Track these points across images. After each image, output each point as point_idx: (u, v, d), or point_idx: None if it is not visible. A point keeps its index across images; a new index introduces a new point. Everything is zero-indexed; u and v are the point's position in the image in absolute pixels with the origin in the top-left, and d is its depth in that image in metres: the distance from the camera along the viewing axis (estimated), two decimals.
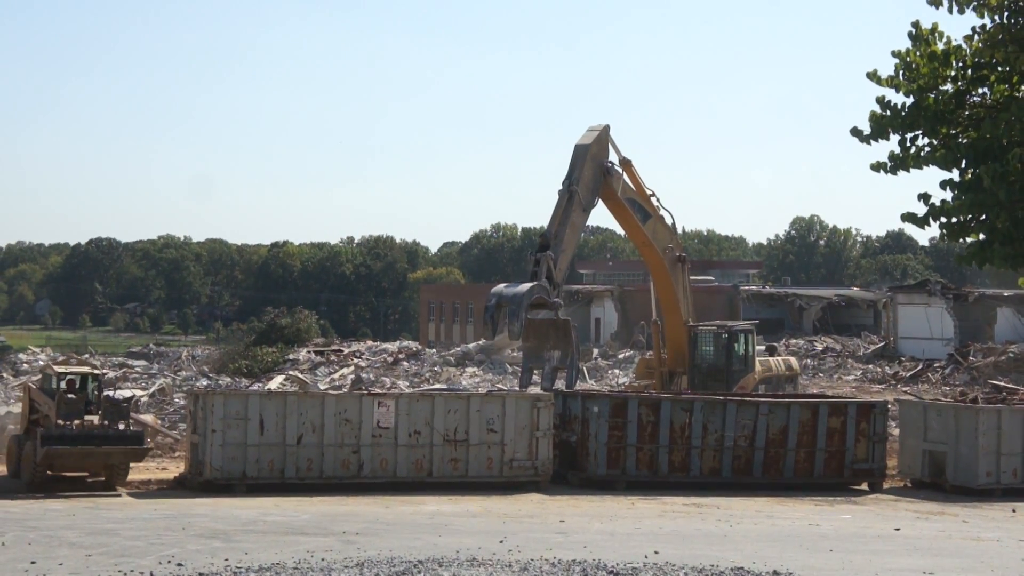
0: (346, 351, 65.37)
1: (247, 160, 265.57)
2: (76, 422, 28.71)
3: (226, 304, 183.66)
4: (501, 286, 35.18)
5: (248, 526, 24.09)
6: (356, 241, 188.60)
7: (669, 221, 38.82)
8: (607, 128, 37.19)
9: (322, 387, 47.76)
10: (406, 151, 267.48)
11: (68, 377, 29.85)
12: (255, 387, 46.89)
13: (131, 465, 29.59)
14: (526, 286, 33.90)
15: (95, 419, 28.92)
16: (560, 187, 35.87)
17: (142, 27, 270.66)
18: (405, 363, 61.42)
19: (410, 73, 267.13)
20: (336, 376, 54.99)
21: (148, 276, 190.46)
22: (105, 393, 30.75)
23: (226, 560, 20.01)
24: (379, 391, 39.06)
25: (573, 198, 35.46)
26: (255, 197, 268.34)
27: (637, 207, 37.77)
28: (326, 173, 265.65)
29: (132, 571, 19.08)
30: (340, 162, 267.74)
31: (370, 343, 74.69)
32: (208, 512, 25.93)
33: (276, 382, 49.00)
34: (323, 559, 20.19)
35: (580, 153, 36.18)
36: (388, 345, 71.15)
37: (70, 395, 29.08)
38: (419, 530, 24.04)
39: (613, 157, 37.22)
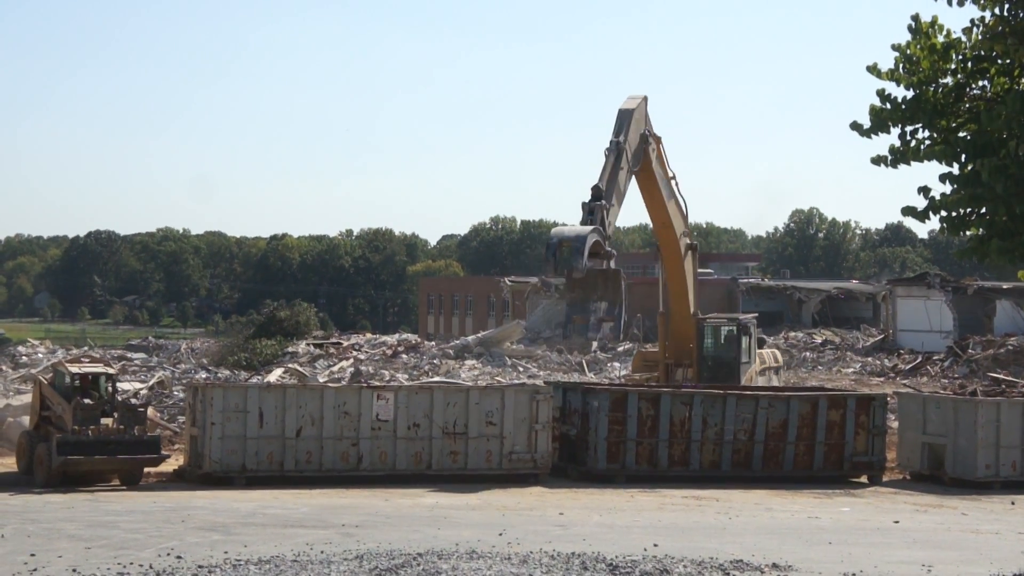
0: (345, 344, 65.32)
1: (246, 153, 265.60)
2: (92, 427, 28.17)
3: (225, 297, 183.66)
4: (562, 227, 34.54)
5: (247, 519, 24.11)
6: (355, 234, 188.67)
7: (684, 209, 38.59)
8: (645, 99, 36.75)
9: (321, 380, 47.73)
10: (405, 144, 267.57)
11: (80, 376, 29.19)
12: (254, 380, 46.86)
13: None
14: (588, 228, 33.10)
15: (110, 422, 28.41)
16: (607, 146, 34.97)
17: (142, 21, 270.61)
18: (404, 356, 61.38)
19: (409, 67, 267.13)
20: (335, 369, 54.93)
21: (147, 269, 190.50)
22: (122, 397, 30.23)
23: (225, 552, 20.03)
24: (378, 384, 39.02)
25: (621, 156, 34.73)
26: (254, 190, 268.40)
27: (665, 184, 37.47)
28: (325, 166, 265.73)
29: (131, 563, 19.10)
30: (339, 155, 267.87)
31: (369, 336, 74.65)
32: (207, 505, 25.95)
33: (275, 375, 48.97)
34: (322, 551, 20.21)
35: (626, 116, 35.49)
36: (387, 338, 71.11)
37: (86, 400, 28.56)
38: (418, 523, 24.06)
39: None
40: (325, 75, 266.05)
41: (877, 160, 15.55)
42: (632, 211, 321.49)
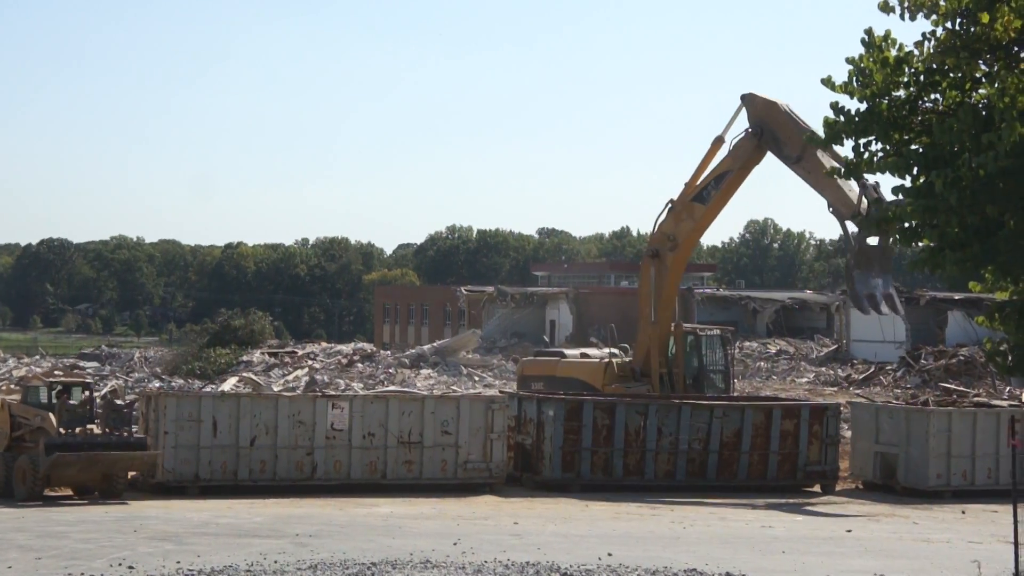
0: (300, 353, 65.08)
1: (200, 161, 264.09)
2: (79, 429, 27.75)
3: (179, 305, 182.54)
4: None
5: (200, 528, 23.96)
6: (311, 242, 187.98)
7: None
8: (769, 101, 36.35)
9: (276, 389, 47.52)
10: (362, 153, 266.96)
11: (58, 388, 28.77)
12: (208, 389, 46.60)
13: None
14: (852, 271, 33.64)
15: (94, 427, 28.00)
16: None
17: (99, 27, 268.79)
18: (359, 365, 61.23)
19: (366, 77, 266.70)
20: (290, 378, 54.74)
21: (100, 277, 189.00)
22: (108, 398, 29.61)
23: (178, 562, 19.90)
24: (333, 393, 38.93)
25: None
26: (209, 198, 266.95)
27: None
28: (281, 174, 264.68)
29: (82, 574, 18.94)
30: (295, 164, 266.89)
31: (324, 345, 74.41)
32: (160, 514, 25.76)
33: (229, 384, 48.70)
34: (276, 561, 20.11)
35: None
36: (342, 347, 70.90)
37: (72, 402, 28.19)
38: (373, 532, 23.99)
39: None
40: (280, 84, 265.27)
41: (831, 172, 15.67)
42: (589, 220, 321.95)
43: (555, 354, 43.14)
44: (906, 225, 14.75)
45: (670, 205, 36.98)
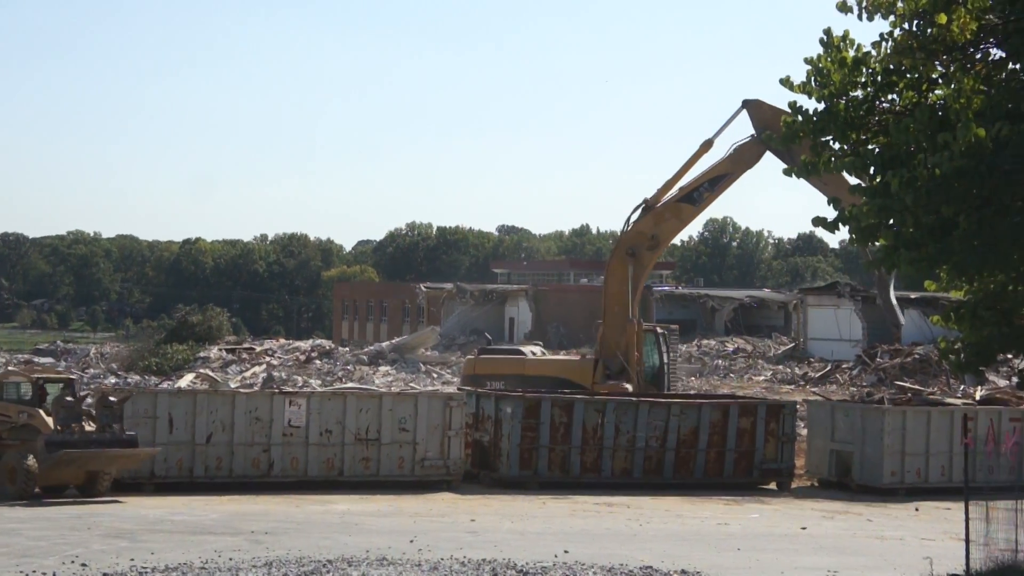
0: (258, 349, 64.85)
1: (158, 155, 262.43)
2: (74, 425, 27.30)
3: (136, 301, 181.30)
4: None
5: (155, 525, 23.81)
6: (270, 239, 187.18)
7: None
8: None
9: (233, 385, 47.31)
10: (321, 150, 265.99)
11: (43, 384, 28.39)
12: (165, 385, 46.34)
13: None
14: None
15: (86, 424, 27.58)
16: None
17: (58, 21, 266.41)
18: (318, 361, 61.06)
19: (325, 74, 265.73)
20: (247, 374, 54.54)
21: (56, 272, 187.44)
22: (101, 394, 29.06)
23: (132, 560, 19.75)
24: (290, 389, 38.80)
25: None
26: (166, 193, 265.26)
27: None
28: (239, 170, 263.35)
29: (35, 571, 18.76)
30: (254, 159, 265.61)
31: (283, 341, 74.15)
32: (114, 511, 25.58)
33: (186, 380, 48.46)
34: (231, 559, 20.01)
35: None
36: (301, 343, 70.69)
37: (68, 398, 27.80)
38: (329, 529, 23.91)
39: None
40: (241, 81, 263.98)
41: (789, 171, 15.74)
42: (549, 217, 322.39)
43: (512, 352, 43.04)
44: (862, 224, 14.85)
45: (644, 205, 37.36)
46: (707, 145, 37.15)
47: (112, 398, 28.39)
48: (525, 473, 31.56)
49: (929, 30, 13.89)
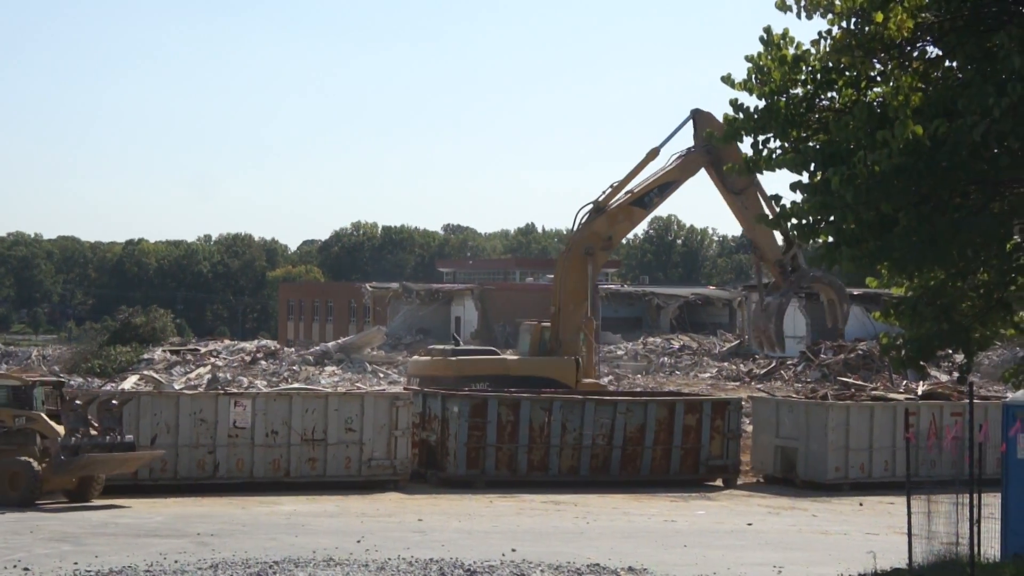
0: (203, 350, 64.38)
1: (100, 156, 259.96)
2: (82, 430, 26.88)
3: (79, 303, 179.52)
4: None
5: (99, 529, 23.61)
6: (213, 239, 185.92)
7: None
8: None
9: (177, 387, 46.96)
10: (265, 149, 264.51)
11: (40, 387, 27.88)
12: (108, 387, 45.90)
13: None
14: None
15: (88, 429, 27.18)
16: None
17: (7, 20, 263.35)
18: (263, 362, 60.70)
19: (268, 72, 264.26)
20: (192, 376, 54.13)
21: None
22: (102, 399, 28.43)
23: (75, 564, 19.59)
24: (235, 390, 38.57)
25: None
26: (108, 194, 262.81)
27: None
28: (182, 170, 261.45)
29: None
30: (197, 159, 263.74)
31: (227, 342, 73.65)
32: (57, 515, 25.34)
33: (130, 382, 48.04)
34: (176, 561, 19.88)
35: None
36: (246, 344, 70.23)
37: (77, 401, 27.44)
38: (276, 530, 23.81)
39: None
40: (182, 78, 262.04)
41: (730, 168, 15.82)
42: (494, 216, 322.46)
43: (486, 352, 42.91)
44: (803, 222, 14.95)
45: (595, 206, 38.80)
46: (654, 153, 38.95)
47: (114, 401, 28.14)
48: (472, 472, 31.56)
49: (867, 28, 14.01)
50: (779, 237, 37.23)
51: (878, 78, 14.71)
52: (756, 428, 35.05)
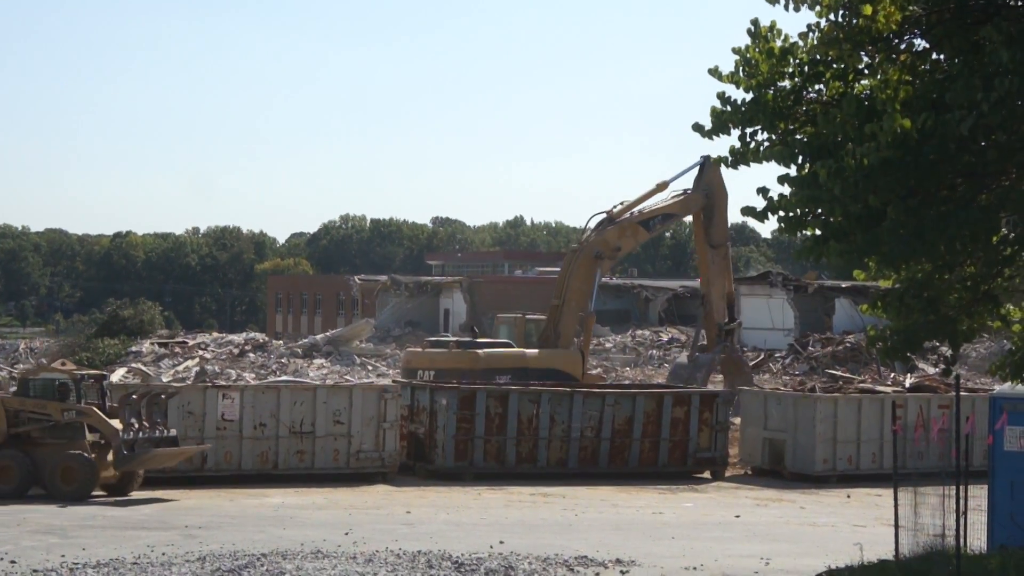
0: (191, 343, 64.35)
1: (88, 149, 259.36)
2: (136, 425, 26.87)
3: (66, 295, 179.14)
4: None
5: (86, 521, 23.58)
6: (202, 232, 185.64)
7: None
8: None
9: (165, 379, 46.91)
10: (254, 142, 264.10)
11: (87, 381, 27.72)
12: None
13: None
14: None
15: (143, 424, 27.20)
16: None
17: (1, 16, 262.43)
18: (251, 355, 60.69)
19: (257, 67, 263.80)
20: (180, 368, 54.10)
21: None
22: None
23: (62, 556, 19.56)
24: (224, 383, 38.52)
25: None
26: (96, 187, 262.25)
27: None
28: (171, 163, 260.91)
29: None
30: (186, 152, 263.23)
31: (216, 335, 73.64)
32: (44, 507, 25.30)
33: (118, 374, 47.95)
34: (164, 554, 19.87)
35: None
36: (234, 337, 70.20)
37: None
38: (263, 523, 23.80)
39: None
40: (172, 72, 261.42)
41: (718, 161, 15.82)
42: (483, 209, 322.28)
43: (504, 345, 43.07)
44: (790, 214, 14.96)
45: (607, 216, 41.60)
46: (663, 186, 42.32)
47: (163, 396, 28.21)
48: (461, 464, 31.58)
49: (855, 20, 14.01)
50: (725, 309, 42.58)
51: (866, 71, 14.72)
52: (744, 420, 35.11)
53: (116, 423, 26.85)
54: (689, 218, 43.64)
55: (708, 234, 42.20)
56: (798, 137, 15.01)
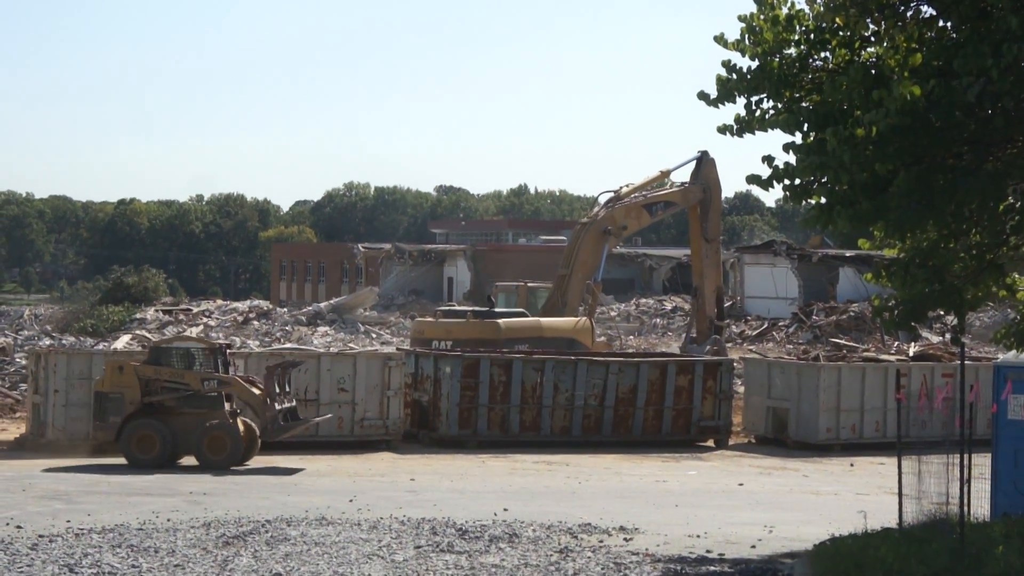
0: (195, 310, 64.38)
1: (93, 114, 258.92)
2: (279, 395, 27.10)
3: (70, 262, 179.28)
4: None
5: (91, 487, 23.65)
6: (206, 199, 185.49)
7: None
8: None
9: None
10: (258, 109, 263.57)
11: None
12: (100, 347, 45.89)
13: None
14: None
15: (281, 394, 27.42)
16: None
17: None
18: (256, 322, 60.72)
19: (260, 31, 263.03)
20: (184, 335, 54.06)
21: None
22: (279, 364, 28.15)
23: (68, 521, 19.63)
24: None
25: None
26: (101, 153, 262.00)
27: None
28: (174, 130, 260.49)
29: None
30: (189, 119, 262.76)
31: (220, 302, 73.63)
32: (49, 473, 25.38)
33: (122, 342, 47.95)
34: (168, 519, 19.93)
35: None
36: (238, 304, 70.22)
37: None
38: (268, 490, 23.86)
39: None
40: (173, 39, 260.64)
41: (723, 129, 15.78)
42: (487, 177, 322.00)
43: (519, 314, 42.96)
44: (796, 182, 14.93)
45: (615, 194, 42.72)
46: (665, 174, 43.64)
47: (295, 365, 28.49)
48: (465, 432, 31.63)
49: None
50: (716, 304, 43.30)
51: (872, 38, 14.66)
52: (748, 389, 35.13)
53: (256, 392, 27.03)
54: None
55: (703, 228, 43.14)
56: (804, 105, 14.96)
